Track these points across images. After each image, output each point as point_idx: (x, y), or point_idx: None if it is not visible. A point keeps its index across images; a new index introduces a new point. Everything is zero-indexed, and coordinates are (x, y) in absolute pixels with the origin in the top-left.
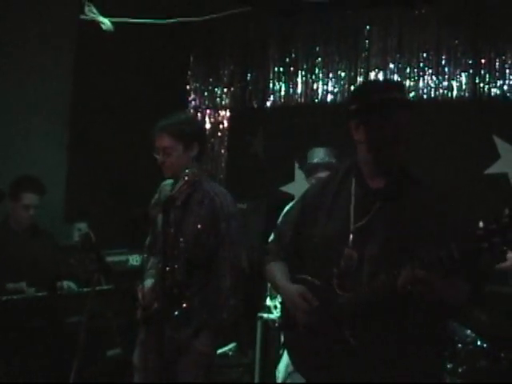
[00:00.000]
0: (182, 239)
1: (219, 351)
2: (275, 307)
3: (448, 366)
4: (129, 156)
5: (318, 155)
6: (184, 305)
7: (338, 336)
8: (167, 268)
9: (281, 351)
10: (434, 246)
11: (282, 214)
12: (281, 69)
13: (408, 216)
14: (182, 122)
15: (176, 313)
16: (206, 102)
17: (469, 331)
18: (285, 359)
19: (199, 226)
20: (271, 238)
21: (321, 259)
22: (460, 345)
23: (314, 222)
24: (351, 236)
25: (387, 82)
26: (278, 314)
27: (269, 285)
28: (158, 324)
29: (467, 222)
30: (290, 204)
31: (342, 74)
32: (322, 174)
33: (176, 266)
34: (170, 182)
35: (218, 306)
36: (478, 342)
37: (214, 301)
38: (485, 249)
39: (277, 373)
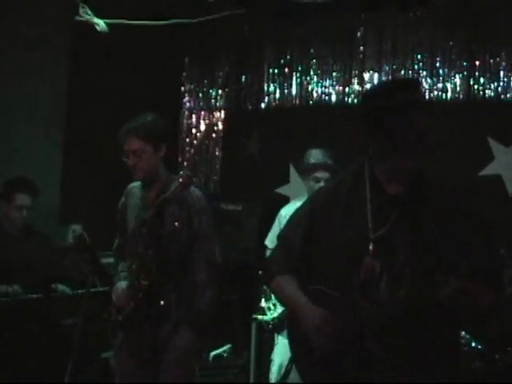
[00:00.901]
0: (156, 238)
1: (214, 353)
2: (269, 309)
3: None
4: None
5: (315, 156)
6: (162, 302)
7: (361, 350)
8: (142, 268)
9: (272, 354)
10: (458, 256)
11: (287, 221)
12: (276, 70)
13: (431, 222)
14: (149, 123)
15: (155, 311)
16: (201, 104)
17: (463, 333)
18: (277, 362)
19: (176, 224)
20: (273, 246)
21: (337, 269)
22: None
23: (326, 230)
24: (371, 245)
25: (401, 81)
26: (273, 316)
27: (264, 287)
28: (134, 325)
29: (487, 228)
30: (286, 208)
31: (337, 76)
32: (319, 174)
33: (151, 266)
34: (137, 184)
35: (195, 300)
36: (473, 344)
37: (191, 295)
38: None
39: (270, 374)
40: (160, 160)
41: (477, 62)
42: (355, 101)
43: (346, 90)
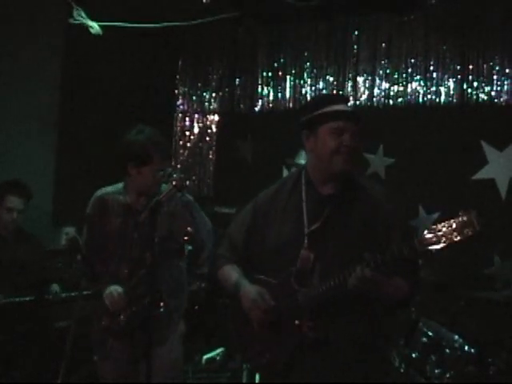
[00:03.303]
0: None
1: (207, 356)
2: None
3: (436, 372)
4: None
5: (305, 157)
6: (161, 309)
7: (296, 330)
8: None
9: None
10: (380, 247)
11: (233, 220)
12: (269, 73)
13: (356, 220)
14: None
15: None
16: (195, 107)
17: (456, 336)
18: None
19: (189, 229)
20: (221, 243)
21: (276, 261)
22: (448, 350)
23: (266, 227)
24: (306, 239)
25: (333, 95)
26: None
27: None
28: (129, 331)
29: (405, 224)
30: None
31: (331, 79)
32: None
33: (145, 271)
34: (110, 190)
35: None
36: (466, 348)
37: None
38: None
39: None
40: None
41: (470, 66)
42: (349, 104)
43: (340, 93)
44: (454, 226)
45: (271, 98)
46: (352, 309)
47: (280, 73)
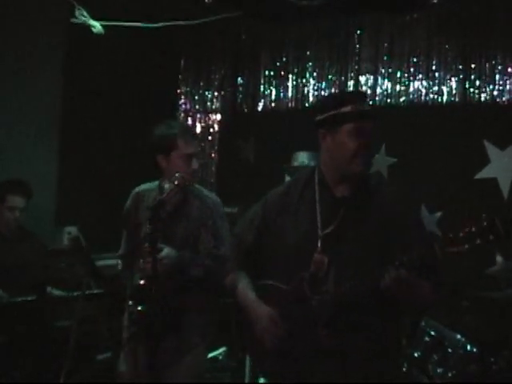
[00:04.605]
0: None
1: (209, 355)
2: None
3: (438, 371)
4: (119, 160)
5: (300, 159)
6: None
7: (311, 338)
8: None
9: None
10: (398, 249)
11: (241, 220)
12: (271, 73)
13: (372, 222)
14: None
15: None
16: (197, 106)
17: (459, 336)
18: None
19: (211, 233)
20: (229, 244)
21: (287, 264)
22: (450, 349)
23: (277, 228)
24: (320, 242)
25: (353, 93)
26: None
27: None
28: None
29: (423, 225)
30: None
31: (333, 79)
32: None
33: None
34: (148, 187)
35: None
36: (468, 347)
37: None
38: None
39: None
40: None
41: (472, 65)
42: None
43: (358, 91)
44: (477, 229)
45: (273, 97)
46: (367, 315)
47: (282, 72)
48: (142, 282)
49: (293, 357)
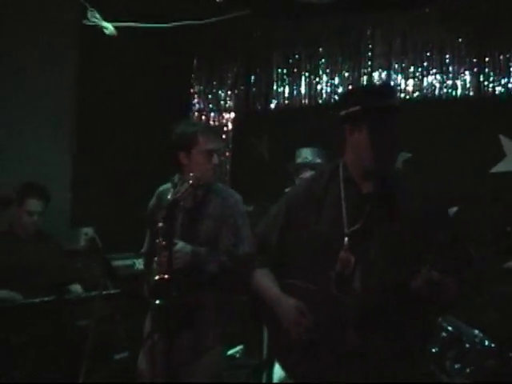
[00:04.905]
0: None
1: (226, 353)
2: None
3: (455, 367)
4: (134, 160)
5: (303, 155)
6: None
7: (338, 339)
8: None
9: None
10: (429, 248)
11: (263, 218)
12: (284, 70)
13: (400, 219)
14: None
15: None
16: (210, 105)
17: (476, 331)
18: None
19: (232, 232)
20: (250, 244)
21: (312, 263)
22: (468, 345)
23: (301, 226)
24: (346, 239)
25: (381, 87)
26: None
27: None
28: (168, 328)
29: (454, 223)
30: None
31: (346, 75)
32: (306, 174)
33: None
34: (166, 187)
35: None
36: (486, 342)
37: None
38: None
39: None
40: None
41: (486, 59)
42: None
43: (386, 84)
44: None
45: (286, 95)
46: (394, 315)
47: (295, 70)
48: (157, 277)
49: (318, 357)
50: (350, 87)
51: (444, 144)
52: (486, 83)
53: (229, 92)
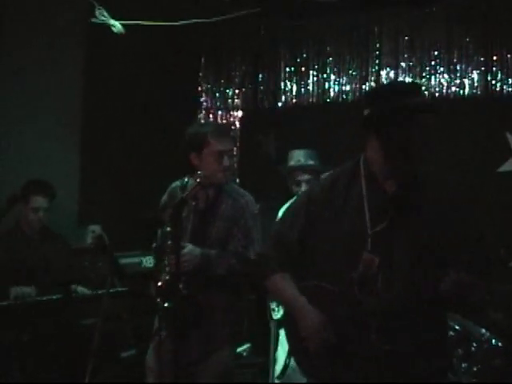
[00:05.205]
0: (207, 243)
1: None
2: (273, 310)
3: (463, 365)
4: (141, 159)
5: (295, 158)
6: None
7: (362, 342)
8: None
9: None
10: (456, 249)
11: (281, 216)
12: (292, 69)
13: (426, 219)
14: None
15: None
16: (218, 103)
17: (483, 330)
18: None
19: (242, 233)
20: (268, 242)
21: (334, 264)
22: (475, 344)
23: (322, 226)
24: (369, 240)
25: (406, 84)
26: (277, 317)
27: None
28: (176, 326)
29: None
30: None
31: (354, 73)
32: (298, 177)
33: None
34: (175, 185)
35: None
36: (493, 341)
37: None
38: None
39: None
40: None
41: (494, 58)
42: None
43: (363, 87)
44: None
45: (294, 93)
46: (420, 317)
47: (303, 68)
48: (166, 277)
49: (340, 360)
50: (377, 85)
51: (452, 143)
52: (493, 82)
53: (236, 90)
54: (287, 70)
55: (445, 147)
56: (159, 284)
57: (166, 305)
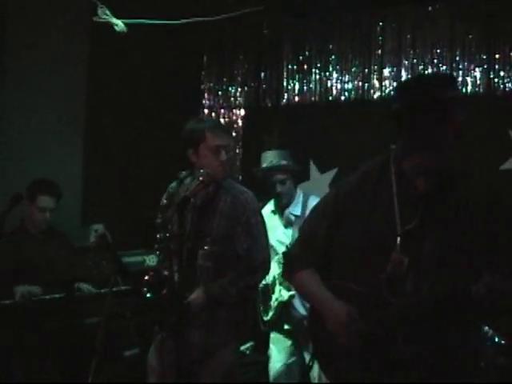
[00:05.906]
0: (208, 241)
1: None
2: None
3: None
4: (144, 158)
5: (267, 159)
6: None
7: (388, 345)
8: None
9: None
10: (492, 252)
11: (308, 215)
12: (294, 67)
13: (458, 219)
14: None
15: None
16: (220, 102)
17: (486, 328)
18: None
19: (245, 230)
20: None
21: (362, 263)
22: None
23: (350, 223)
24: (399, 240)
25: (439, 76)
26: (268, 318)
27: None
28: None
29: None
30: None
31: (356, 71)
32: (273, 178)
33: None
34: (173, 185)
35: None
36: (496, 339)
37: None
38: None
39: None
40: None
41: (496, 55)
42: (375, 96)
43: (366, 85)
44: None
45: (297, 91)
46: (448, 320)
47: (305, 66)
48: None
49: (363, 364)
50: (406, 78)
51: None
52: (496, 80)
53: (239, 89)
54: (290, 68)
55: None
56: (146, 278)
57: (148, 295)
